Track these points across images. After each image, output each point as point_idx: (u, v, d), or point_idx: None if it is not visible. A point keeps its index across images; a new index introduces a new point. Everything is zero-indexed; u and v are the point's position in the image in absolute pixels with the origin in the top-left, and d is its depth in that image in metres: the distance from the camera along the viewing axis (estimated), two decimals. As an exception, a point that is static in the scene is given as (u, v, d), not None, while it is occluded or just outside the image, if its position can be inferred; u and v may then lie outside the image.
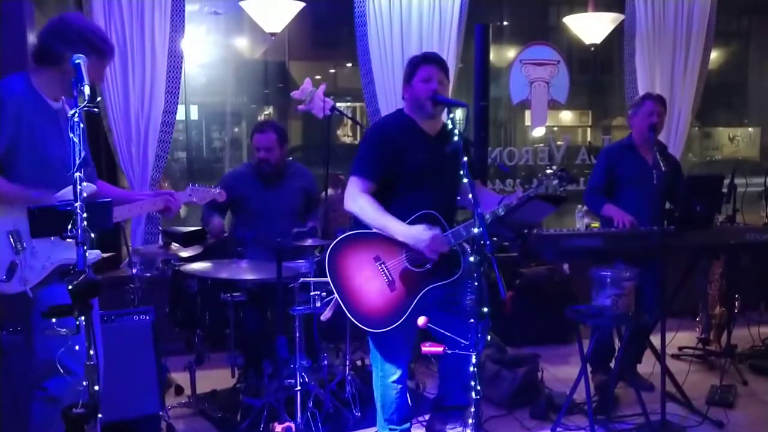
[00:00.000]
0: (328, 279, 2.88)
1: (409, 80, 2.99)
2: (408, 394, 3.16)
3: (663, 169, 3.58)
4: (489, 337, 2.44)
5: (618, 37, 5.74)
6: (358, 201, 2.91)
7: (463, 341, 2.39)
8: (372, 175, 2.93)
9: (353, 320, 2.85)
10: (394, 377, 3.04)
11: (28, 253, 2.46)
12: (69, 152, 2.51)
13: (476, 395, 2.41)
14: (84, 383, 1.92)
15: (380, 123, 3.35)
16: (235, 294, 3.57)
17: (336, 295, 2.88)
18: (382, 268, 2.89)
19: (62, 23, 2.57)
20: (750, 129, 7.67)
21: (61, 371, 2.22)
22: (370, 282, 2.88)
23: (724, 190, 4.11)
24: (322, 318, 3.18)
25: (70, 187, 1.93)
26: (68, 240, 1.90)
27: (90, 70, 2.47)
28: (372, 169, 2.93)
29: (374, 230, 2.91)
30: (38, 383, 2.53)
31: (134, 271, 3.90)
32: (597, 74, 7.13)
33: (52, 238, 2.39)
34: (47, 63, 2.54)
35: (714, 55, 6.17)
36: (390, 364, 3.03)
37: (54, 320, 1.90)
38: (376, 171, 2.93)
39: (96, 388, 1.92)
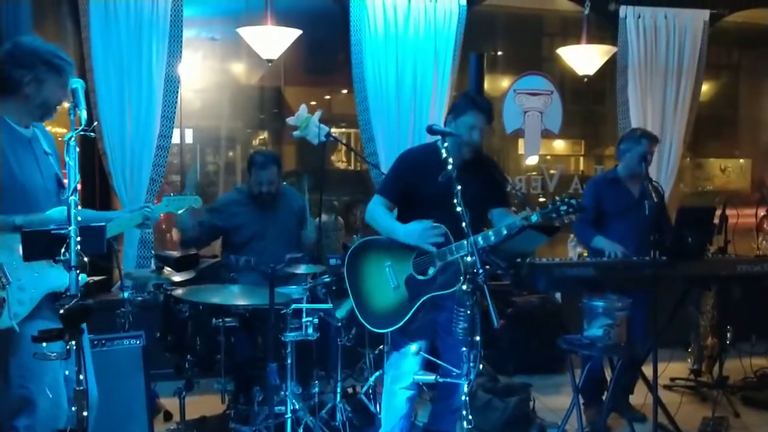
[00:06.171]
0: (345, 277, 3.20)
1: (456, 117, 3.16)
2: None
3: (655, 199, 3.62)
4: (481, 366, 2.44)
5: (611, 68, 5.81)
6: (372, 213, 3.25)
7: (455, 370, 2.40)
8: (389, 195, 3.26)
9: (359, 317, 3.15)
10: (405, 383, 3.17)
11: (15, 287, 2.37)
12: (46, 177, 2.52)
13: (468, 424, 2.40)
14: (73, 409, 1.90)
15: (408, 150, 3.52)
16: (226, 319, 3.55)
17: (350, 293, 3.18)
18: (390, 272, 3.12)
19: (15, 48, 2.49)
20: (741, 160, 7.73)
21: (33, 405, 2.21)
22: (379, 285, 3.14)
23: (716, 221, 4.13)
24: (338, 315, 3.57)
25: (59, 208, 1.90)
26: (54, 267, 1.86)
27: (54, 89, 2.47)
28: (390, 190, 3.28)
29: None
30: (10, 420, 2.44)
31: (125, 294, 3.87)
32: (590, 105, 7.18)
33: (37, 269, 2.37)
34: (9, 91, 2.47)
35: (705, 87, 6.25)
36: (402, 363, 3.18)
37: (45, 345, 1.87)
38: (393, 191, 3.26)
39: (84, 413, 1.90)
